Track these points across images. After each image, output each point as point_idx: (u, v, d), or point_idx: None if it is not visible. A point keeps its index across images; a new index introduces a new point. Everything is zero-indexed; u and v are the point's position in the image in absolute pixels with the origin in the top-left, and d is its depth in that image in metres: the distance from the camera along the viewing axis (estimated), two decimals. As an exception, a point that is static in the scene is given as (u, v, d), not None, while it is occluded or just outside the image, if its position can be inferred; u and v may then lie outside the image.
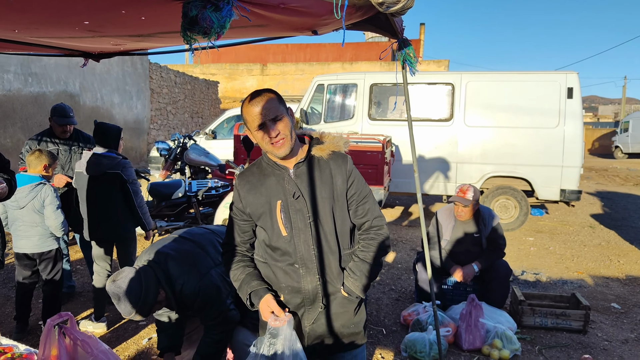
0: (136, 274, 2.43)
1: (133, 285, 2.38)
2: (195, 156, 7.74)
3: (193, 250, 2.66)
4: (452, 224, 4.34)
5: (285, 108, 1.87)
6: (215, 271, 2.61)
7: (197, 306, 2.57)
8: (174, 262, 2.56)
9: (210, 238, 2.80)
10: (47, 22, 1.95)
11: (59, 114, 4.39)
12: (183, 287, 2.53)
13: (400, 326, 4.09)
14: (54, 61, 10.08)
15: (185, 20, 1.56)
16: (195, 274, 2.55)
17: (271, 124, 1.82)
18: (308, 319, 2.02)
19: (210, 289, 2.55)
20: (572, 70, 7.57)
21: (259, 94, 1.84)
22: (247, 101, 1.85)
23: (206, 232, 2.85)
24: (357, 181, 2.02)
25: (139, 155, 13.69)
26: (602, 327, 4.15)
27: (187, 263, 2.58)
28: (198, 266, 2.59)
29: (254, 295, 1.98)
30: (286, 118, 1.85)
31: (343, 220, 2.01)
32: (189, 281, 2.52)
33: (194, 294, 2.52)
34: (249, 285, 1.99)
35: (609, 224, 8.52)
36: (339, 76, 8.65)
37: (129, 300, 2.35)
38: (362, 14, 2.26)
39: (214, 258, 2.67)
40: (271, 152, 1.88)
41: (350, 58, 24.32)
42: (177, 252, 2.61)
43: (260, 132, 1.84)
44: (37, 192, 3.60)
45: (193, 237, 2.76)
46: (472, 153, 7.87)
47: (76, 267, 5.48)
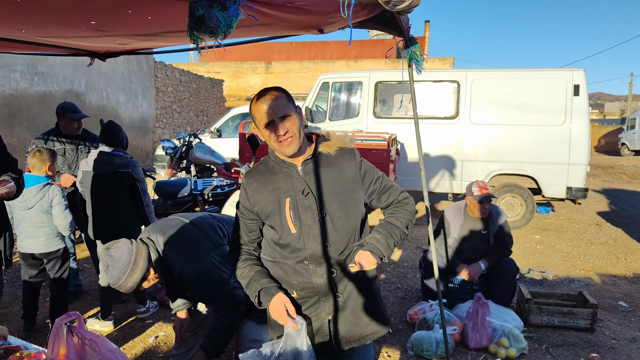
0: (129, 247, 2.45)
1: (123, 256, 2.40)
2: (201, 155, 7.75)
3: (192, 232, 2.66)
4: (460, 222, 4.32)
5: (294, 106, 1.87)
6: (215, 252, 2.61)
7: (200, 289, 2.55)
8: (171, 244, 2.56)
9: (211, 222, 2.80)
10: (54, 21, 1.95)
11: (73, 110, 4.40)
12: (182, 270, 2.52)
13: (407, 325, 4.08)
14: (60, 60, 10.12)
15: (192, 19, 1.56)
16: (194, 257, 2.54)
17: (279, 122, 1.82)
18: (325, 310, 2.02)
19: (211, 270, 2.55)
20: (578, 68, 7.53)
21: (268, 92, 1.84)
22: (255, 99, 1.85)
23: (206, 216, 2.85)
24: (369, 172, 2.05)
25: (145, 153, 13.73)
26: (609, 326, 4.13)
27: (185, 246, 2.58)
28: (197, 248, 2.58)
29: (264, 293, 1.95)
30: (295, 116, 1.85)
31: (353, 214, 2.01)
32: (188, 264, 2.52)
33: (194, 276, 2.52)
34: (258, 283, 1.97)
35: (615, 222, 8.47)
36: (344, 74, 8.63)
37: (117, 270, 2.38)
38: (368, 12, 2.26)
39: (213, 240, 2.66)
40: (279, 150, 1.88)
41: (355, 56, 24.29)
42: (176, 234, 2.61)
43: (268, 130, 1.84)
44: (45, 193, 3.61)
45: (193, 220, 2.76)
46: (478, 151, 7.84)
47: (83, 265, 5.50)
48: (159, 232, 2.60)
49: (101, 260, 2.41)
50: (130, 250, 2.43)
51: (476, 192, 4.18)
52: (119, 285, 2.40)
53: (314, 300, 2.02)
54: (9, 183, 2.54)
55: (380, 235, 2.00)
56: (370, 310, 2.07)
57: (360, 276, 2.04)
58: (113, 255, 2.39)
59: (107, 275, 2.39)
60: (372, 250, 1.96)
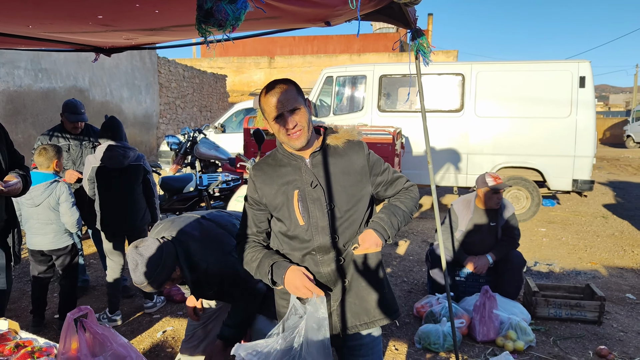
0: (158, 245, 2.43)
1: (153, 255, 2.38)
2: (206, 150, 7.76)
3: (215, 230, 2.66)
4: (469, 215, 4.31)
5: (303, 99, 1.87)
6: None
7: (225, 286, 2.55)
8: (196, 242, 2.55)
9: (229, 219, 2.80)
10: (61, 17, 1.95)
11: (71, 110, 4.43)
12: (208, 267, 2.51)
13: (414, 318, 4.08)
14: (63, 56, 10.12)
15: (200, 12, 1.55)
16: (220, 253, 2.54)
17: (289, 115, 1.81)
18: (334, 298, 2.02)
19: (237, 267, 2.55)
20: (584, 59, 7.48)
21: (278, 85, 1.84)
22: (265, 91, 1.85)
23: (224, 214, 2.86)
24: (377, 164, 2.06)
25: (149, 149, 13.75)
26: (617, 318, 4.12)
27: (210, 243, 2.57)
28: (221, 245, 2.58)
29: (277, 267, 1.90)
30: (304, 109, 1.85)
31: (360, 206, 2.01)
32: (214, 260, 2.51)
33: (220, 272, 2.52)
34: (270, 259, 1.93)
35: (622, 214, 8.44)
36: (347, 68, 8.61)
37: (146, 268, 2.36)
38: (375, 4, 2.24)
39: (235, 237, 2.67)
40: (288, 143, 1.88)
41: (358, 50, 24.20)
42: (200, 232, 2.61)
43: (277, 123, 1.84)
44: (52, 190, 3.62)
45: (213, 218, 2.76)
46: (483, 144, 7.82)
47: (89, 261, 5.53)
48: (181, 230, 2.59)
49: (130, 258, 2.39)
50: (160, 249, 2.41)
51: (490, 182, 4.15)
52: (145, 284, 2.37)
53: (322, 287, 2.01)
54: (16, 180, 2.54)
55: (383, 214, 1.98)
56: (375, 295, 2.06)
57: (365, 261, 2.04)
58: (143, 254, 2.37)
59: (135, 274, 2.36)
60: (376, 229, 1.93)
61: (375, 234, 1.91)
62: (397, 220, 1.98)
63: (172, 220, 2.71)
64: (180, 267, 2.49)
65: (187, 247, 2.52)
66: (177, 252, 2.48)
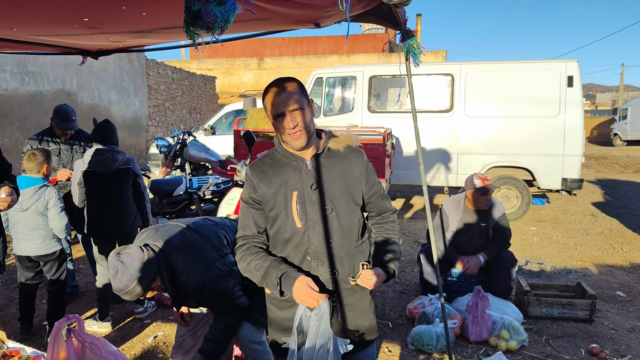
0: (140, 254, 2.41)
1: (134, 263, 2.36)
2: (195, 152, 7.70)
3: (198, 241, 2.63)
4: (459, 215, 4.31)
5: (306, 99, 1.86)
6: (220, 262, 2.60)
7: (204, 298, 2.55)
8: (178, 254, 2.54)
9: (214, 229, 2.78)
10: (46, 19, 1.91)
11: (62, 117, 4.33)
12: (188, 279, 2.50)
13: (406, 319, 4.07)
14: (50, 59, 10.01)
15: (188, 14, 1.52)
16: (200, 266, 2.52)
17: (290, 115, 1.80)
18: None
19: (217, 281, 2.53)
20: (571, 59, 7.53)
21: (282, 82, 1.83)
22: (268, 89, 1.84)
23: (210, 224, 2.83)
24: (373, 174, 2.08)
25: (138, 152, 13.64)
26: (608, 316, 4.14)
27: (191, 255, 2.56)
28: (203, 258, 2.56)
29: (285, 279, 1.84)
30: (306, 110, 1.84)
31: (356, 212, 2.01)
32: (193, 273, 2.50)
33: (199, 286, 2.50)
34: (277, 269, 1.87)
35: (610, 212, 8.51)
36: (337, 69, 8.60)
37: (126, 276, 2.33)
38: (365, 5, 2.23)
39: (218, 249, 2.65)
40: (288, 142, 1.87)
41: (347, 51, 24.21)
42: (182, 243, 2.59)
43: (278, 122, 1.82)
44: (40, 194, 3.57)
45: (197, 228, 2.73)
46: (473, 144, 7.84)
47: (79, 266, 5.46)
48: (164, 240, 2.56)
49: (110, 264, 2.36)
50: (141, 257, 2.39)
51: (478, 184, 4.16)
52: (125, 292, 2.35)
53: None
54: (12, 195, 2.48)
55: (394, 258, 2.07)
56: (363, 321, 2.06)
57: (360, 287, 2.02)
58: (124, 261, 2.34)
59: (115, 281, 2.34)
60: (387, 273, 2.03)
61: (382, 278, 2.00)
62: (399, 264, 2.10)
63: (157, 228, 2.68)
64: (161, 278, 2.47)
65: (168, 258, 2.50)
66: (159, 262, 2.46)
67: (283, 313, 2.03)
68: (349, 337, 1.99)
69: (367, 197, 2.07)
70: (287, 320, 2.02)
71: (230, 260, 2.66)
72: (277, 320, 2.06)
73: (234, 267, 2.64)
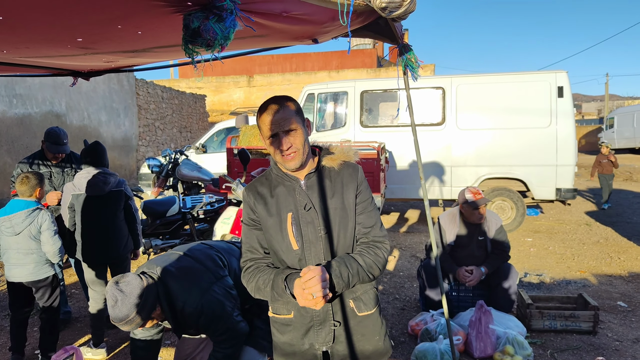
0: (139, 282, 2.34)
1: (134, 291, 2.29)
2: (188, 171, 7.62)
3: (193, 266, 2.57)
4: (455, 229, 4.28)
5: (301, 119, 1.80)
6: (217, 286, 2.53)
7: (202, 324, 2.48)
8: (174, 280, 2.47)
9: (209, 253, 2.72)
10: (38, 40, 1.86)
11: (53, 140, 4.26)
12: (185, 305, 2.44)
13: (409, 336, 4.00)
14: (38, 81, 9.93)
15: (187, 32, 1.48)
16: (196, 291, 2.46)
17: (284, 136, 1.75)
18: (319, 340, 1.91)
19: (214, 305, 2.47)
20: (561, 70, 7.60)
21: (274, 103, 1.76)
22: (262, 109, 1.78)
23: (204, 247, 2.77)
24: (364, 191, 1.95)
25: (129, 172, 13.52)
26: (611, 327, 4.10)
27: (187, 280, 2.49)
28: (199, 283, 2.50)
29: (290, 280, 1.76)
30: (301, 130, 1.78)
31: (352, 231, 1.93)
32: (190, 299, 2.44)
33: (196, 311, 2.44)
34: (282, 274, 1.79)
35: (604, 221, 8.53)
36: (329, 85, 8.61)
37: (127, 306, 2.25)
38: (362, 20, 2.21)
39: (214, 273, 2.59)
40: (282, 163, 1.81)
41: (336, 66, 24.35)
42: (176, 269, 2.53)
43: (272, 143, 1.77)
44: (33, 218, 3.48)
45: (191, 253, 2.67)
46: (466, 156, 7.85)
47: (71, 291, 5.33)
48: (160, 267, 2.50)
49: (109, 294, 2.28)
50: (141, 286, 2.32)
51: (469, 198, 4.13)
52: (125, 322, 2.26)
53: (307, 326, 1.91)
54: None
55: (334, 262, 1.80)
56: (366, 345, 1.96)
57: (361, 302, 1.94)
58: (124, 290, 2.27)
59: (115, 311, 2.26)
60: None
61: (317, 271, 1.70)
62: (347, 272, 1.78)
63: (150, 260, 2.63)
64: (160, 305, 2.40)
65: (165, 285, 2.44)
66: (158, 290, 2.40)
67: (283, 337, 1.97)
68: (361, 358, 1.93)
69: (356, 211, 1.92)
70: (288, 345, 1.96)
71: (228, 283, 2.60)
72: (280, 345, 2.00)
73: (231, 290, 2.58)
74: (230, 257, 2.79)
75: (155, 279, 2.44)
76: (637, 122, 22.48)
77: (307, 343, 1.92)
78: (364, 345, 1.97)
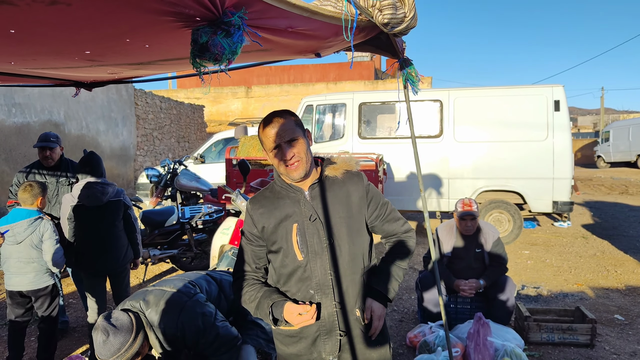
0: (128, 318, 2.38)
1: (124, 326, 2.32)
2: (187, 182, 7.64)
3: (163, 292, 2.64)
4: (452, 240, 4.31)
5: (302, 130, 1.84)
6: (191, 302, 2.59)
7: (189, 341, 2.51)
8: (149, 308, 2.52)
9: (175, 279, 2.82)
10: (47, 52, 1.89)
11: (40, 139, 4.31)
12: (165, 328, 2.48)
13: (407, 348, 4.00)
14: (37, 91, 9.96)
15: (195, 47, 1.52)
16: (172, 312, 2.51)
17: (286, 146, 1.79)
18: (326, 350, 1.94)
19: (193, 320, 2.52)
20: (557, 84, 7.67)
21: (276, 115, 1.82)
22: (264, 123, 1.83)
23: (172, 277, 2.88)
24: (376, 197, 2.01)
25: (126, 182, 13.52)
26: (608, 340, 4.11)
27: (160, 304, 2.55)
28: (172, 304, 2.55)
29: (276, 307, 1.85)
30: (302, 140, 1.82)
31: (361, 239, 1.97)
32: (168, 321, 2.49)
33: (178, 331, 2.49)
34: (269, 299, 1.87)
35: (601, 234, 8.56)
36: (327, 96, 8.66)
37: (117, 341, 2.28)
38: (364, 35, 2.25)
39: (185, 292, 2.64)
40: (286, 174, 1.84)
41: (334, 78, 24.50)
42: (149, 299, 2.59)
43: (275, 154, 1.80)
44: (35, 227, 3.49)
45: (157, 285, 2.76)
46: (463, 168, 7.89)
47: (68, 300, 5.31)
48: (136, 301, 2.56)
49: (99, 329, 2.30)
50: (130, 321, 2.36)
51: (459, 208, 4.20)
52: (114, 358, 2.28)
53: (314, 336, 1.93)
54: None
55: (385, 280, 2.00)
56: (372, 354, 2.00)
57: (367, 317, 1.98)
58: (115, 325, 2.30)
59: (105, 346, 2.27)
60: (379, 299, 1.97)
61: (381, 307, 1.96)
62: (397, 284, 2.02)
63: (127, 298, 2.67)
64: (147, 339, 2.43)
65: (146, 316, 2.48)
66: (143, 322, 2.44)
67: (289, 349, 2.00)
68: None
69: (369, 220, 2.01)
70: (294, 357, 1.98)
71: (202, 298, 2.67)
72: (286, 356, 2.02)
73: (206, 303, 2.65)
74: (199, 279, 2.89)
75: (137, 313, 2.48)
76: (633, 135, 22.62)
77: (316, 352, 1.94)
78: (370, 354, 1.99)
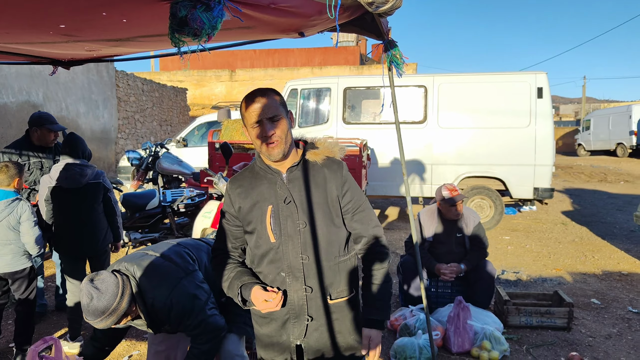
0: (114, 279, 2.31)
1: (109, 289, 2.26)
2: (168, 165, 7.55)
3: (161, 263, 2.56)
4: (434, 225, 4.33)
5: (285, 110, 1.81)
6: (186, 280, 2.52)
7: (173, 319, 2.46)
8: (143, 277, 2.46)
9: (177, 249, 2.71)
10: (18, 26, 1.82)
11: (50, 121, 4.15)
12: (154, 301, 2.43)
13: (388, 331, 4.03)
14: (15, 70, 9.71)
15: (174, 21, 1.47)
16: (164, 287, 2.45)
17: (268, 123, 1.76)
18: (294, 333, 1.93)
19: (184, 299, 2.46)
20: (540, 71, 7.72)
21: (261, 92, 1.79)
22: (247, 97, 1.80)
23: (172, 245, 2.77)
24: (352, 189, 1.96)
25: (107, 165, 13.33)
26: (584, 324, 4.19)
27: (155, 277, 2.48)
28: (167, 278, 2.49)
29: (245, 288, 1.89)
30: (284, 120, 1.79)
31: (337, 228, 1.93)
32: (159, 295, 2.43)
33: (166, 307, 2.43)
34: (239, 280, 1.92)
35: (580, 221, 8.71)
36: (312, 80, 8.60)
37: (102, 302, 2.22)
38: (349, 15, 2.21)
39: (183, 268, 2.58)
40: (264, 153, 1.81)
41: (319, 63, 24.34)
42: (145, 267, 2.51)
43: (255, 130, 1.78)
44: (13, 208, 3.40)
45: (159, 251, 2.66)
46: (446, 154, 7.92)
47: (47, 283, 5.24)
48: (130, 265, 2.49)
49: (84, 291, 2.25)
50: (116, 283, 2.30)
51: (446, 194, 4.20)
52: (100, 320, 2.24)
53: (283, 319, 1.93)
54: None
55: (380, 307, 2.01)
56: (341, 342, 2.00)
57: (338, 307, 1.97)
58: (99, 287, 2.24)
59: (90, 309, 2.22)
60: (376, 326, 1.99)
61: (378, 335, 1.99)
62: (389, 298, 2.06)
63: (119, 260, 2.61)
64: (136, 302, 2.38)
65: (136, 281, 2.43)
66: (132, 285, 2.38)
67: (262, 329, 2.01)
68: (323, 358, 1.95)
69: (342, 212, 1.95)
70: (267, 337, 2.00)
71: (199, 277, 2.60)
72: (260, 336, 2.04)
73: (202, 284, 2.58)
74: (200, 252, 2.79)
75: (128, 276, 2.43)
76: (612, 124, 22.94)
77: (285, 335, 1.95)
78: (339, 342, 1.99)
